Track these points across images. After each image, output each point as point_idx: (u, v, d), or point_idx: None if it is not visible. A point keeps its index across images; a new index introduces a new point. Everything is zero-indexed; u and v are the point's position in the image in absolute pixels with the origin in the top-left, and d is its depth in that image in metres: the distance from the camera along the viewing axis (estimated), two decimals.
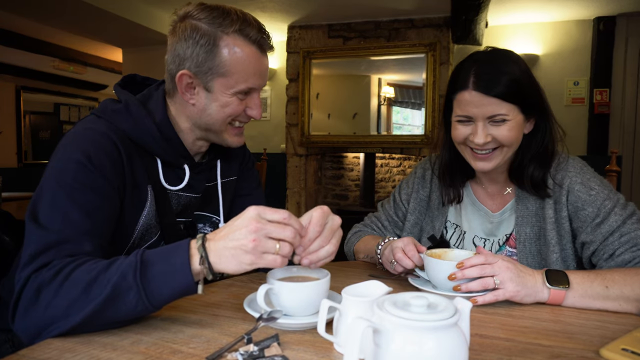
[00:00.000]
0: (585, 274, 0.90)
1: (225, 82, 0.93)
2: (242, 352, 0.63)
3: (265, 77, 0.99)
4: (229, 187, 1.16)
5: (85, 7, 3.46)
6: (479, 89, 1.01)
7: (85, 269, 0.71)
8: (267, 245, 0.70)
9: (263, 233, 0.69)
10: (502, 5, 3.51)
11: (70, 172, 0.82)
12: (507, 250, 1.13)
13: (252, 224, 0.69)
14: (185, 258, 0.70)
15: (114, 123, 0.92)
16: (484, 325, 0.78)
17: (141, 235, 0.96)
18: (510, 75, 1.01)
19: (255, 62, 0.94)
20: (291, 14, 3.87)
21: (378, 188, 4.39)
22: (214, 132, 0.99)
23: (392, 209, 1.34)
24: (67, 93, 6.88)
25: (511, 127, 1.03)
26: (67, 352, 0.65)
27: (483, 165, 1.07)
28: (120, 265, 0.70)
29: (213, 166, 1.11)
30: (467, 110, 1.04)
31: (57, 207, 0.79)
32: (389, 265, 1.04)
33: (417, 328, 0.49)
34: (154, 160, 0.98)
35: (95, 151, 0.85)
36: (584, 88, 3.84)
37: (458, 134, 1.08)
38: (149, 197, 0.95)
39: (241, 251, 0.69)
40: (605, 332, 0.75)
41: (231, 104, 0.95)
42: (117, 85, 1.01)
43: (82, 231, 0.79)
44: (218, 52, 0.90)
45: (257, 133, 4.58)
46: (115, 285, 0.68)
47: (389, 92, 4.01)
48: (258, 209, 0.71)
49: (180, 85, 0.95)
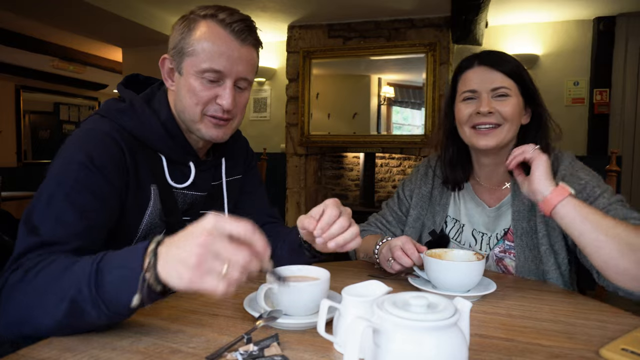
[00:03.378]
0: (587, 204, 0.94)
1: (191, 61, 0.93)
2: (242, 352, 0.63)
3: (238, 66, 0.94)
4: (234, 186, 1.16)
5: (85, 7, 3.46)
6: (485, 64, 1.12)
7: (47, 271, 0.70)
8: (212, 265, 0.59)
9: (211, 250, 0.58)
10: (502, 5, 3.51)
11: (72, 173, 0.82)
12: (505, 244, 1.17)
13: (202, 237, 0.59)
14: (139, 263, 0.63)
15: (118, 122, 0.92)
16: (484, 325, 0.78)
17: (145, 234, 0.96)
18: (511, 59, 1.14)
19: (223, 44, 0.92)
20: (291, 14, 3.87)
21: (378, 188, 4.39)
22: (190, 122, 0.98)
23: (396, 205, 1.39)
24: (67, 92, 6.87)
25: (512, 104, 1.10)
26: (67, 351, 0.65)
27: (486, 142, 1.12)
28: (77, 275, 0.67)
29: (218, 164, 1.11)
30: (472, 85, 1.12)
31: (52, 207, 0.79)
32: (385, 264, 1.05)
33: (417, 328, 0.49)
34: (159, 158, 0.98)
35: (98, 152, 0.85)
36: (584, 88, 3.84)
37: (463, 114, 1.14)
38: (152, 197, 0.95)
39: (182, 266, 0.59)
40: (605, 332, 0.75)
41: (197, 88, 0.93)
42: (121, 85, 1.02)
43: (73, 232, 0.78)
44: (190, 33, 0.93)
45: (257, 133, 4.58)
46: (72, 300, 0.65)
47: (388, 92, 4.01)
48: (217, 218, 0.60)
49: (163, 70, 0.99)
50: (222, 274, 0.58)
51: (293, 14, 3.85)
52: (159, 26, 4.02)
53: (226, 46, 0.92)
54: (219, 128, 0.98)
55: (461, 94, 1.15)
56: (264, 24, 4.10)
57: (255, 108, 4.67)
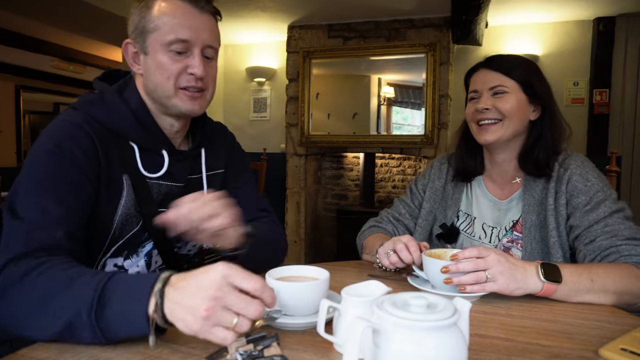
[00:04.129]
0: (574, 268, 0.93)
1: (155, 37, 0.93)
2: (242, 352, 0.63)
3: (202, 34, 0.95)
4: (216, 180, 1.14)
5: (85, 7, 3.46)
6: (486, 66, 1.23)
7: (49, 276, 0.70)
8: (223, 317, 0.60)
9: (221, 304, 0.60)
10: (502, 5, 3.51)
11: (41, 162, 0.84)
12: (513, 235, 1.21)
13: (212, 290, 0.60)
14: (144, 302, 0.63)
15: (89, 114, 0.93)
16: (483, 325, 0.78)
17: (121, 226, 0.96)
18: (515, 59, 1.22)
19: (184, 14, 0.93)
20: (291, 14, 3.87)
21: (378, 188, 4.39)
22: (165, 99, 0.97)
23: (409, 198, 1.43)
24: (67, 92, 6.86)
25: (511, 100, 1.17)
26: (67, 351, 0.65)
27: (486, 137, 1.19)
28: (79, 297, 0.66)
29: (196, 155, 1.09)
30: (475, 85, 1.23)
31: (28, 196, 0.81)
32: (383, 256, 1.06)
33: (417, 328, 0.49)
34: (131, 148, 0.97)
35: (68, 141, 0.87)
36: (584, 88, 3.84)
37: (468, 111, 1.25)
38: (125, 187, 0.95)
39: (191, 316, 0.60)
40: (604, 332, 0.76)
41: (165, 62, 0.93)
42: (96, 78, 1.02)
43: (53, 219, 0.80)
44: (149, 11, 0.93)
45: (257, 133, 4.58)
46: (70, 321, 0.65)
47: (388, 92, 4.01)
48: (228, 270, 0.62)
49: (127, 57, 0.98)
50: (231, 325, 0.60)
51: (293, 14, 3.85)
52: None
53: (186, 16, 0.93)
54: (194, 100, 0.98)
55: (468, 95, 1.27)
56: (264, 24, 4.10)
57: (255, 108, 4.67)
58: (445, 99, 3.72)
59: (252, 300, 0.62)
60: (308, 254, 4.29)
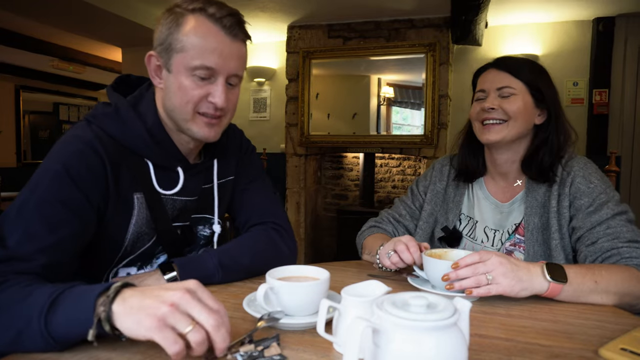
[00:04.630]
0: (577, 269, 0.92)
1: (181, 58, 0.89)
2: (242, 353, 0.63)
3: (230, 62, 0.91)
4: (227, 188, 1.13)
5: (85, 7, 3.46)
6: (494, 67, 1.22)
7: (4, 296, 0.68)
8: (180, 320, 0.58)
9: (185, 305, 0.59)
10: (502, 5, 3.51)
11: (45, 182, 0.81)
12: (516, 238, 1.20)
13: (175, 294, 0.60)
14: (92, 300, 0.62)
15: (103, 128, 0.91)
16: (484, 325, 0.78)
17: (133, 243, 0.95)
18: (524, 62, 1.22)
19: (214, 40, 0.89)
20: (291, 14, 3.87)
21: (377, 188, 4.39)
22: (181, 122, 0.94)
23: (410, 199, 1.42)
24: (67, 92, 6.86)
25: (518, 102, 1.17)
26: (67, 351, 0.65)
27: (489, 136, 1.19)
28: (30, 307, 0.65)
29: (209, 166, 1.08)
30: (482, 85, 1.23)
31: (21, 218, 0.78)
32: (384, 257, 1.06)
33: (417, 328, 0.49)
34: (145, 164, 0.95)
35: (76, 163, 0.84)
36: (583, 88, 3.85)
37: (474, 111, 1.24)
38: (136, 206, 0.93)
39: (145, 314, 0.58)
40: (604, 332, 0.76)
41: (188, 86, 0.90)
42: (110, 87, 0.99)
43: (40, 247, 0.76)
44: (179, 29, 0.89)
45: (257, 133, 4.57)
46: (18, 331, 0.64)
47: (388, 92, 4.01)
48: (196, 285, 0.62)
49: (149, 68, 0.95)
50: (184, 332, 0.58)
51: (293, 14, 3.85)
52: None
53: (217, 42, 0.89)
54: (210, 127, 0.95)
55: (475, 94, 1.26)
56: (264, 24, 4.10)
57: (255, 108, 4.67)
58: (445, 99, 3.72)
59: (213, 312, 0.60)
60: (308, 254, 4.29)
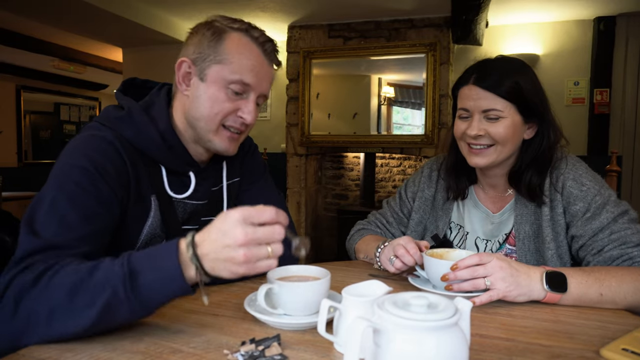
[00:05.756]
0: (583, 278, 0.88)
1: (220, 69, 0.92)
2: (243, 353, 0.63)
3: (264, 83, 0.97)
4: (233, 189, 1.14)
5: (86, 7, 3.46)
6: (477, 83, 1.07)
7: (68, 272, 0.69)
8: (260, 253, 0.66)
9: (252, 244, 0.66)
10: (502, 5, 3.51)
11: (74, 177, 0.81)
12: (506, 248, 1.15)
13: (239, 236, 0.65)
14: (175, 263, 0.66)
15: (117, 131, 0.91)
16: (485, 325, 0.78)
17: (144, 245, 0.95)
18: (510, 76, 1.06)
19: (254, 60, 0.94)
20: (291, 14, 3.87)
21: (378, 188, 4.39)
22: (204, 132, 0.96)
23: (398, 205, 1.37)
24: (67, 93, 6.88)
25: (506, 125, 1.07)
26: (67, 351, 0.65)
27: (477, 161, 1.11)
28: (108, 277, 0.67)
29: (219, 169, 1.10)
30: (465, 103, 1.10)
31: (55, 211, 0.77)
32: (387, 263, 1.04)
33: (418, 328, 0.49)
34: (158, 168, 0.96)
35: (101, 159, 0.85)
36: (584, 88, 3.84)
37: (457, 129, 1.13)
38: (152, 208, 0.94)
39: (232, 264, 0.66)
40: (606, 332, 0.75)
41: (220, 98, 0.93)
42: (119, 92, 1.00)
43: (78, 236, 0.77)
44: (221, 42, 0.93)
45: (257, 133, 4.57)
46: (106, 303, 0.65)
47: (389, 92, 4.01)
48: (242, 212, 0.66)
49: (178, 73, 0.96)
50: (268, 254, 0.67)
51: (293, 14, 3.85)
52: (159, 26, 4.02)
53: (258, 63, 0.95)
54: (232, 141, 0.99)
55: (458, 110, 1.14)
56: (264, 24, 4.10)
57: None
58: (446, 99, 3.72)
59: (273, 227, 0.67)
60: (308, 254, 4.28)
